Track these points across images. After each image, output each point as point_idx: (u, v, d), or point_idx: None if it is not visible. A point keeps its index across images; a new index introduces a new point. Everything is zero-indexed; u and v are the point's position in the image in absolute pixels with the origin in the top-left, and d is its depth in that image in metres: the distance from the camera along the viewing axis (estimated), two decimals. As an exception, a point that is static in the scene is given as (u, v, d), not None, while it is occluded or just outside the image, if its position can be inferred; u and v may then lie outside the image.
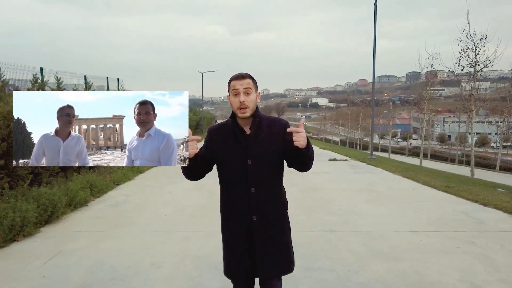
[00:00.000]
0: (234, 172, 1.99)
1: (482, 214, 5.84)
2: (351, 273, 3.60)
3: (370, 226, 5.20)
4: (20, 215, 4.60)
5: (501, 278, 3.52)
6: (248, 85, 1.95)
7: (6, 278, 3.53)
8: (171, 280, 3.48)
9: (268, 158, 1.99)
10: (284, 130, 2.00)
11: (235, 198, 2.02)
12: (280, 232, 2.06)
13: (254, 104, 1.98)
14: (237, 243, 2.04)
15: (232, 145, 2.00)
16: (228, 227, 2.08)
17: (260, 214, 1.99)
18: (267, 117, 2.08)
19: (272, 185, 2.04)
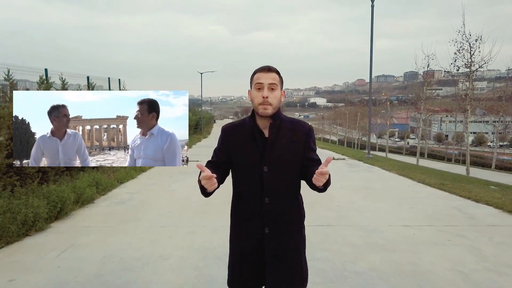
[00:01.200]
0: (247, 178, 1.83)
1: (473, 210, 6.09)
2: (348, 263, 3.84)
3: (367, 221, 5.44)
4: (32, 211, 4.82)
5: (488, 267, 3.77)
6: (274, 80, 1.78)
7: (24, 269, 3.75)
8: (178, 270, 3.71)
9: (286, 166, 1.81)
10: (306, 136, 1.86)
11: (247, 206, 1.85)
12: (293, 248, 1.87)
13: (277, 102, 1.80)
14: (246, 255, 1.86)
15: (248, 148, 1.82)
16: (237, 236, 1.91)
17: (273, 226, 1.82)
18: (289, 119, 1.90)
19: (289, 195, 1.85)
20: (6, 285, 3.39)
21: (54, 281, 3.47)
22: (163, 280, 3.47)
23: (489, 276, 3.57)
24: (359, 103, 55.81)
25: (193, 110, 35.60)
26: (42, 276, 3.57)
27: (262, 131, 1.83)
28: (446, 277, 3.53)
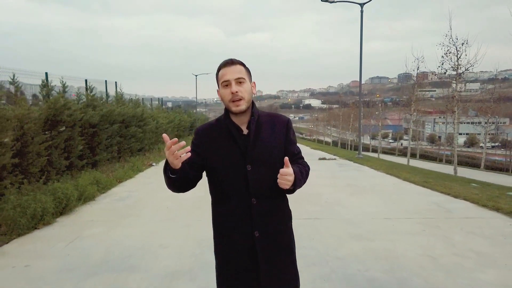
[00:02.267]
0: (231, 180, 1.71)
1: (451, 205, 6.55)
2: (330, 250, 4.26)
3: (351, 215, 5.87)
4: (40, 206, 5.20)
5: (455, 252, 4.21)
6: (240, 74, 1.69)
7: (36, 256, 4.13)
8: (177, 256, 4.11)
9: (270, 162, 1.71)
10: (286, 129, 1.81)
11: (233, 211, 1.73)
12: (286, 248, 1.80)
13: (249, 95, 1.71)
14: (238, 263, 1.74)
15: (227, 148, 1.71)
16: (225, 246, 1.77)
17: (263, 229, 1.72)
18: (266, 114, 1.83)
19: (276, 193, 1.73)
20: (23, 270, 3.78)
21: (66, 266, 3.86)
22: (163, 264, 3.87)
23: (455, 259, 4.00)
24: (353, 105, 56.44)
25: (188, 112, 35.95)
26: (54, 262, 3.96)
27: (240, 128, 1.74)
28: (416, 260, 3.97)
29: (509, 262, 3.91)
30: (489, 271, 3.71)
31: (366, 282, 3.47)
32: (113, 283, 3.44)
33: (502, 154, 46.95)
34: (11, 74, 7.31)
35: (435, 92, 60.29)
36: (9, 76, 7.18)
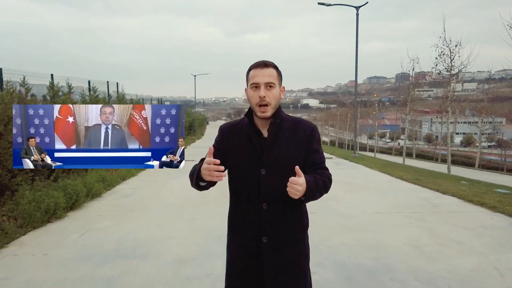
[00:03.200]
0: (244, 182, 1.71)
1: (439, 200, 6.94)
2: (323, 240, 4.64)
3: (344, 209, 6.25)
4: (53, 201, 5.55)
5: (438, 242, 4.60)
6: (271, 78, 1.66)
7: (53, 246, 4.49)
8: (183, 246, 4.47)
9: (286, 168, 1.65)
10: (310, 136, 1.75)
11: (243, 213, 1.74)
12: (295, 260, 1.74)
13: (276, 101, 1.68)
14: (243, 266, 1.75)
15: (244, 149, 1.72)
16: (234, 246, 1.80)
17: (271, 236, 1.69)
18: (291, 118, 1.79)
19: (289, 201, 1.66)
20: (42, 258, 4.14)
21: (81, 254, 4.22)
22: (172, 253, 4.24)
23: (437, 248, 4.39)
24: (350, 105, 56.89)
25: (187, 112, 36.31)
26: (70, 251, 4.32)
27: (260, 131, 1.73)
28: (402, 249, 4.35)
29: (485, 250, 4.30)
30: (466, 257, 4.09)
31: (355, 267, 3.84)
32: (127, 268, 3.81)
33: (497, 154, 47.48)
34: (21, 75, 7.69)
35: (433, 92, 60.79)
36: (19, 78, 7.54)
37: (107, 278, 3.57)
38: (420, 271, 3.73)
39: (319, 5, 16.12)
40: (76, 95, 10.59)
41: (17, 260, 4.08)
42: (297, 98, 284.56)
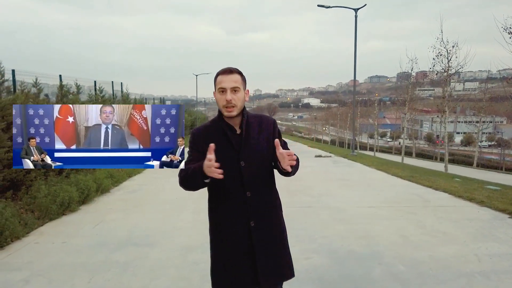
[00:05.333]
0: (227, 176, 1.82)
1: (430, 195, 7.32)
2: (318, 231, 5.02)
3: (338, 203, 6.62)
4: (67, 195, 5.94)
5: (424, 232, 4.98)
6: (236, 83, 1.87)
7: (70, 235, 4.89)
8: (189, 235, 4.86)
9: (261, 158, 1.94)
10: (273, 128, 2.01)
11: (230, 204, 1.92)
12: (279, 235, 2.00)
13: (241, 103, 1.90)
14: (236, 253, 1.92)
15: (223, 146, 1.88)
16: (221, 237, 1.96)
17: (258, 219, 1.92)
18: (253, 115, 2.03)
19: (267, 186, 1.99)
20: (61, 245, 4.54)
21: (96, 242, 4.61)
22: (179, 240, 4.63)
23: (423, 238, 4.77)
24: (351, 104, 57.18)
25: (188, 111, 36.70)
26: (86, 239, 4.72)
27: (234, 128, 1.94)
28: (390, 238, 4.73)
29: (467, 240, 4.67)
30: (450, 246, 4.47)
31: (346, 253, 4.22)
32: (139, 254, 4.20)
33: (497, 153, 47.73)
34: (27, 76, 8.07)
35: (433, 92, 61.02)
36: (28, 79, 7.93)
37: (122, 262, 3.96)
38: (406, 257, 4.11)
39: (318, 6, 16.48)
40: (84, 95, 10.98)
41: (38, 247, 4.48)
42: (298, 97, 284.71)
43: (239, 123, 1.94)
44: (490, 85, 27.78)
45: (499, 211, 5.96)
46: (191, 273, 3.71)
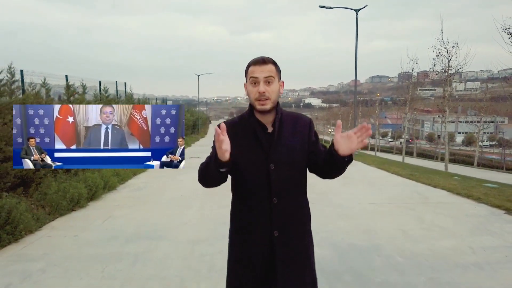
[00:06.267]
0: (253, 178, 1.72)
1: (429, 193, 7.49)
2: (321, 226, 5.19)
3: (341, 200, 6.80)
4: (77, 191, 6.13)
5: (423, 227, 5.15)
6: (270, 73, 1.68)
7: (81, 230, 5.07)
8: (196, 230, 5.04)
9: (293, 161, 1.74)
10: (309, 129, 1.81)
11: (254, 209, 1.74)
12: (304, 250, 1.80)
13: (276, 96, 1.71)
14: (254, 263, 1.75)
15: (251, 145, 1.72)
16: (242, 242, 1.80)
17: (283, 229, 1.72)
18: (288, 113, 1.84)
19: (298, 193, 1.80)
20: (73, 238, 4.72)
21: (107, 236, 4.80)
22: (186, 235, 4.81)
23: (422, 232, 4.94)
24: (352, 104, 57.33)
25: (190, 111, 36.92)
26: (96, 233, 4.90)
27: (265, 125, 1.75)
28: (390, 232, 4.90)
29: (464, 234, 4.84)
30: (447, 240, 4.64)
31: (347, 246, 4.40)
32: (148, 247, 4.38)
33: (498, 153, 47.80)
34: (34, 76, 8.25)
35: (435, 91, 61.08)
36: (39, 79, 8.12)
37: (133, 254, 4.15)
38: (404, 250, 4.28)
39: (320, 7, 16.65)
40: (89, 95, 11.17)
41: (51, 240, 4.66)
42: (299, 97, 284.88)
43: (272, 120, 1.75)
44: (491, 85, 27.93)
45: (496, 207, 6.13)
46: (199, 264, 3.90)
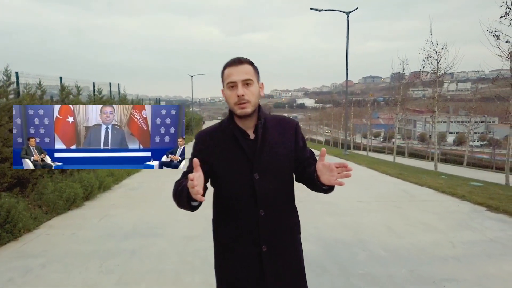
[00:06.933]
0: (237, 190, 1.60)
1: (416, 191, 7.76)
2: (309, 222, 5.41)
3: (330, 198, 6.99)
4: (73, 191, 6.29)
5: (407, 223, 5.40)
6: (247, 75, 1.56)
7: (78, 228, 5.24)
8: (189, 227, 5.24)
9: (280, 170, 1.62)
10: (295, 133, 1.69)
11: (238, 223, 1.62)
12: (295, 263, 1.71)
13: (256, 98, 1.59)
14: (244, 280, 1.63)
15: (232, 154, 1.60)
16: (227, 261, 1.66)
17: (271, 242, 1.61)
18: (272, 116, 1.71)
19: (286, 204, 1.68)
20: (71, 236, 4.89)
21: (104, 233, 4.98)
22: (180, 232, 5.01)
23: (405, 228, 5.18)
24: (345, 104, 57.78)
25: (184, 112, 36.95)
26: (93, 231, 5.08)
27: (246, 132, 1.62)
28: (375, 228, 5.14)
29: (446, 229, 5.10)
30: (428, 234, 4.89)
31: (333, 241, 4.63)
32: (145, 243, 4.57)
33: (489, 152, 48.47)
34: (28, 77, 8.38)
35: (427, 92, 61.71)
36: (34, 81, 8.25)
37: (130, 250, 4.33)
38: (388, 244, 4.52)
39: (311, 10, 16.92)
40: (83, 96, 11.29)
41: (50, 238, 4.83)
42: (292, 98, 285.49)
43: (254, 126, 1.63)
44: (482, 86, 28.44)
45: (478, 205, 6.40)
46: (193, 258, 4.10)
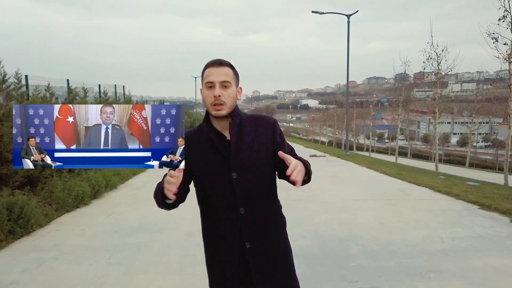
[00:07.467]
0: (216, 190, 1.65)
1: (412, 190, 7.98)
2: (306, 219, 5.67)
3: (327, 197, 7.28)
4: (81, 190, 6.58)
5: (401, 220, 5.63)
6: (226, 77, 1.60)
7: (87, 224, 5.53)
8: (192, 223, 5.44)
9: (257, 168, 1.65)
10: (272, 131, 1.71)
11: (220, 222, 1.68)
12: (281, 258, 1.72)
13: (232, 101, 1.63)
14: (230, 277, 1.67)
15: (210, 156, 1.66)
16: (215, 259, 1.73)
17: (254, 239, 1.65)
18: (249, 116, 1.74)
19: (266, 200, 1.70)
20: (80, 231, 5.18)
21: (111, 229, 5.26)
22: (183, 228, 5.29)
23: (398, 225, 5.42)
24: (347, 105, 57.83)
25: (187, 113, 37.38)
26: (101, 227, 5.36)
27: (222, 134, 1.66)
28: (369, 225, 5.38)
29: (437, 226, 5.33)
30: (420, 231, 5.12)
31: (329, 237, 4.88)
32: (150, 238, 4.84)
33: (492, 153, 48.45)
34: (36, 80, 8.70)
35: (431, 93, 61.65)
36: (43, 83, 8.57)
37: (136, 244, 4.61)
38: (380, 239, 4.76)
39: (313, 13, 17.18)
40: (89, 98, 11.60)
41: (61, 233, 5.12)
42: (296, 99, 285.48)
43: (229, 126, 1.67)
44: (485, 87, 28.51)
45: (471, 203, 6.61)
46: (195, 252, 4.35)
